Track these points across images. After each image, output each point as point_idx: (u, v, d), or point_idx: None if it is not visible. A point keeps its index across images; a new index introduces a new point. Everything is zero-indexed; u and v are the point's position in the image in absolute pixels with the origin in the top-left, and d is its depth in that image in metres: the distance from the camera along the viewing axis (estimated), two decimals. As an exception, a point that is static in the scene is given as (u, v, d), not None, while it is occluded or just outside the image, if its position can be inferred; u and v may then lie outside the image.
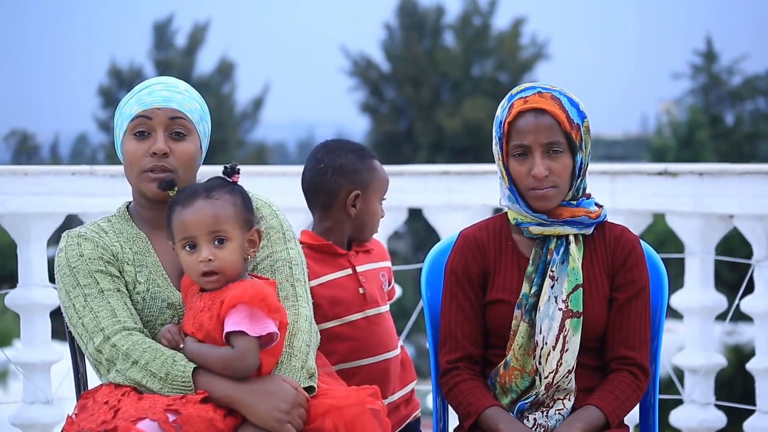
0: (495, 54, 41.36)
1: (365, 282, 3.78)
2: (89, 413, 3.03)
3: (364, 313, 3.76)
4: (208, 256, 3.08)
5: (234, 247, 3.11)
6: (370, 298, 3.77)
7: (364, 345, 3.74)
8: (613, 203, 5.18)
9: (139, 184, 3.28)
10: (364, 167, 3.79)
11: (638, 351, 3.34)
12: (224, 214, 3.10)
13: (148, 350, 3.08)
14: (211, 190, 3.12)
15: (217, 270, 3.09)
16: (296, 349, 3.18)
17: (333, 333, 3.71)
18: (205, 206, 3.10)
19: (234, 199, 3.14)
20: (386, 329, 3.81)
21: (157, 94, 3.29)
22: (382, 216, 3.87)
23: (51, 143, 52.83)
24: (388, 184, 3.87)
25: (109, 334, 3.11)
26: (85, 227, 3.32)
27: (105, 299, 3.17)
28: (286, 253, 3.34)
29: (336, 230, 3.79)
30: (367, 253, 3.86)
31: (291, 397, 3.04)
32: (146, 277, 3.26)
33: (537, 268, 3.35)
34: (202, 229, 3.09)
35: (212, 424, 2.97)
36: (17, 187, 4.87)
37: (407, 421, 3.85)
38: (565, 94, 3.34)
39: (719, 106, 35.70)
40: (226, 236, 3.10)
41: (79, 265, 3.21)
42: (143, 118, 3.26)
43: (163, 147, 3.24)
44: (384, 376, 3.77)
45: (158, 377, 3.04)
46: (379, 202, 3.83)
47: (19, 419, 4.85)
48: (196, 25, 43.97)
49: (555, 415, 3.30)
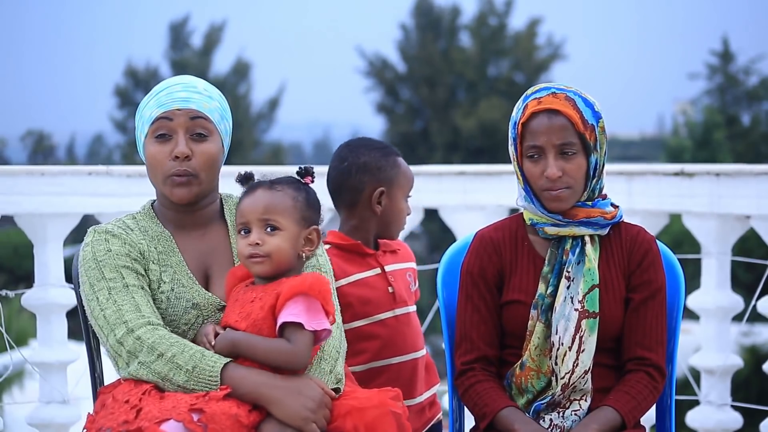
0: (511, 54, 41.28)
1: (394, 281, 3.79)
2: (109, 411, 3.01)
3: (393, 312, 3.77)
4: (256, 240, 3.12)
5: (285, 236, 3.14)
6: (398, 297, 3.78)
7: (393, 343, 3.75)
8: (629, 204, 5.18)
9: (163, 188, 3.28)
10: (388, 164, 3.80)
11: (654, 352, 3.34)
12: (280, 205, 3.14)
13: (175, 344, 3.08)
14: (275, 183, 3.18)
15: (264, 254, 3.12)
16: (326, 353, 3.19)
17: (363, 332, 3.72)
18: (263, 195, 3.15)
19: (296, 194, 3.17)
20: (414, 329, 3.82)
21: (176, 95, 3.29)
22: (409, 213, 3.88)
23: (67, 143, 52.95)
24: (413, 181, 3.88)
25: (134, 327, 3.11)
26: (111, 223, 3.31)
27: (129, 294, 3.17)
28: (315, 260, 3.35)
29: (362, 228, 3.80)
30: (394, 253, 3.87)
31: (318, 397, 3.05)
32: (171, 276, 3.26)
33: (553, 269, 3.35)
34: (255, 214, 3.13)
35: (237, 420, 2.96)
36: (34, 188, 4.89)
37: (431, 423, 3.86)
38: (579, 94, 3.34)
39: (736, 106, 35.57)
40: (278, 225, 3.13)
41: (105, 260, 3.21)
42: (164, 120, 3.26)
43: (185, 150, 3.24)
44: (412, 375, 3.79)
45: (185, 370, 3.03)
46: (405, 199, 3.84)
47: (35, 419, 4.86)
48: (212, 25, 43.98)
49: (571, 416, 3.30)
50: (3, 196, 4.86)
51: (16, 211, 4.90)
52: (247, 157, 36.35)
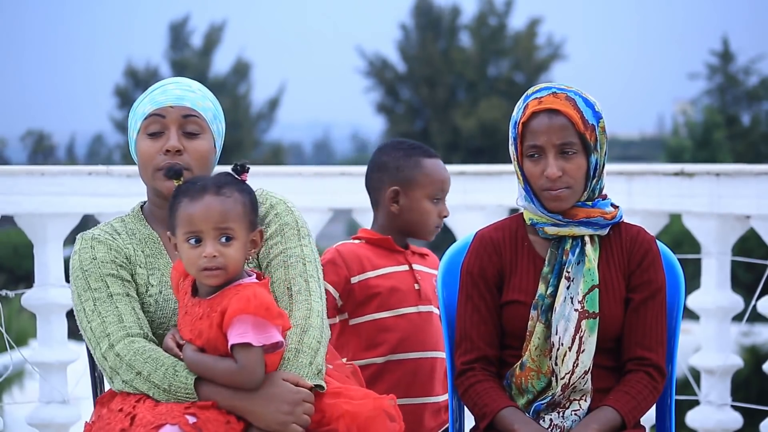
0: (511, 54, 41.30)
1: (421, 280, 3.86)
2: (105, 422, 3.02)
3: (418, 308, 3.83)
4: (213, 253, 3.02)
5: (239, 245, 3.06)
6: (424, 295, 3.84)
7: (414, 338, 3.80)
8: (629, 204, 5.18)
9: (153, 182, 3.27)
10: (408, 164, 3.84)
11: (654, 352, 3.34)
12: (234, 212, 3.05)
13: (148, 360, 3.06)
14: (221, 187, 3.06)
15: (221, 266, 3.03)
16: (305, 345, 3.15)
17: (385, 324, 3.79)
18: (214, 202, 3.04)
19: (243, 198, 3.08)
20: (436, 329, 3.85)
21: (170, 92, 3.29)
22: (444, 215, 3.91)
23: (67, 143, 52.99)
24: (442, 183, 3.89)
25: (114, 341, 3.10)
26: (99, 228, 3.31)
27: (113, 304, 3.16)
28: (300, 249, 3.33)
29: (387, 228, 3.89)
30: (422, 257, 3.94)
31: (291, 397, 3.02)
32: (159, 279, 3.26)
33: (553, 269, 3.34)
34: (209, 224, 3.03)
35: (230, 426, 2.98)
36: (34, 187, 4.89)
37: (444, 426, 3.88)
38: (580, 94, 3.34)
39: (736, 106, 35.57)
40: (232, 234, 3.04)
41: (91, 269, 3.20)
42: (156, 117, 3.27)
43: (177, 144, 3.23)
44: (431, 373, 3.84)
45: (162, 389, 3.03)
46: (430, 199, 3.86)
47: (35, 419, 4.86)
48: (212, 25, 44.00)
49: (571, 416, 3.30)
50: (3, 196, 4.85)
51: (16, 211, 4.90)
52: (247, 157, 36.17)
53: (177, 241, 3.09)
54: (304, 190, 5.16)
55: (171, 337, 3.13)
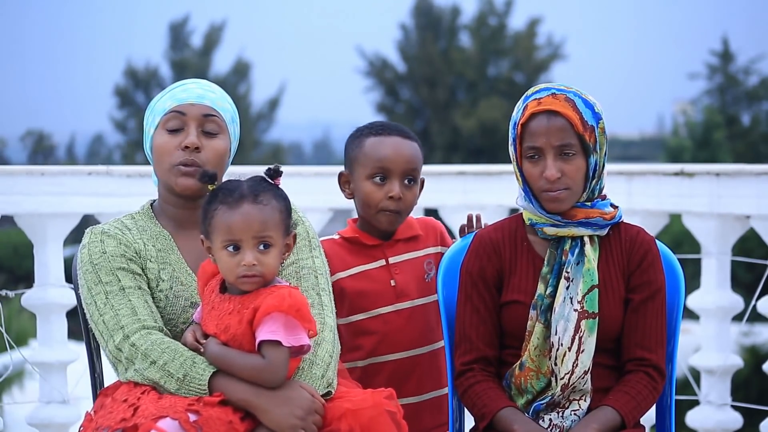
0: (511, 54, 41.28)
1: (398, 274, 3.68)
2: (108, 411, 3.02)
3: (395, 306, 3.67)
4: (252, 261, 3.03)
5: (276, 252, 3.07)
6: (401, 291, 3.67)
7: (392, 339, 3.65)
8: (629, 204, 5.18)
9: (168, 178, 3.28)
10: (353, 145, 3.66)
11: (654, 352, 3.34)
12: (271, 221, 3.06)
13: (167, 351, 3.07)
14: (258, 194, 3.06)
15: (259, 274, 3.05)
16: (319, 358, 3.17)
17: (361, 327, 3.65)
18: (253, 210, 3.04)
19: (280, 205, 3.09)
20: (421, 324, 3.69)
21: (192, 91, 3.32)
22: (392, 195, 3.60)
23: (67, 143, 52.94)
24: (382, 160, 3.59)
25: (129, 333, 3.11)
26: (108, 224, 3.32)
27: (126, 297, 3.17)
28: (311, 261, 3.34)
29: (360, 219, 3.73)
30: (411, 241, 3.74)
31: (307, 404, 3.03)
32: (170, 274, 3.26)
33: (552, 269, 3.35)
34: (249, 233, 3.03)
35: (232, 427, 2.97)
36: (34, 187, 4.89)
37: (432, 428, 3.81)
38: (580, 95, 3.34)
39: (735, 106, 35.56)
40: (271, 242, 3.06)
41: (101, 262, 3.21)
42: (177, 113, 3.29)
43: (195, 141, 3.26)
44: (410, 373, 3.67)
45: (176, 378, 3.03)
46: (369, 179, 3.62)
47: (35, 419, 4.86)
48: (212, 25, 43.98)
49: (571, 416, 3.30)
50: (3, 196, 4.85)
51: (16, 211, 4.90)
52: (248, 157, 36.31)
53: (213, 247, 3.09)
54: (304, 190, 5.16)
55: (191, 332, 3.14)
